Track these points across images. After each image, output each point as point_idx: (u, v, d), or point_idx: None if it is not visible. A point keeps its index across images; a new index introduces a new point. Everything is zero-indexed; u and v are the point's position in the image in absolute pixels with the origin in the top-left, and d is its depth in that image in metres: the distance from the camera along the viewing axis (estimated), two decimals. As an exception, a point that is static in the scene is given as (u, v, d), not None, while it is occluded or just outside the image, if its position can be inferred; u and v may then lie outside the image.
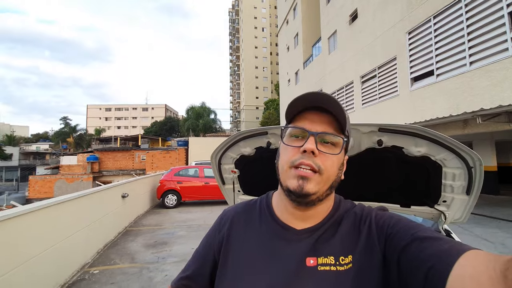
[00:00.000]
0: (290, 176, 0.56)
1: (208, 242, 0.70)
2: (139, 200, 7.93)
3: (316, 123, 0.57)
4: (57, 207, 3.57)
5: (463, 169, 1.24)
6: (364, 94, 11.14)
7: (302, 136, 0.57)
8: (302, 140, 0.57)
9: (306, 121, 0.58)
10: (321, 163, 0.55)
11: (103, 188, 5.45)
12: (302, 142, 0.56)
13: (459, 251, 0.42)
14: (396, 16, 8.99)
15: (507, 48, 5.52)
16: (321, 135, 0.56)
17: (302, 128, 0.57)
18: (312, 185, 0.54)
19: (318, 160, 0.55)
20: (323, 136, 0.57)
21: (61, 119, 46.94)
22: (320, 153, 0.55)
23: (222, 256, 0.64)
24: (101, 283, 3.59)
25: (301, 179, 0.54)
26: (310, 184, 0.54)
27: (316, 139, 0.56)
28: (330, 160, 0.56)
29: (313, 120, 0.58)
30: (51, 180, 19.35)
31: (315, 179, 0.55)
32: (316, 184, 0.55)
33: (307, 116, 0.58)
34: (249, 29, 59.94)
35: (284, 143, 0.60)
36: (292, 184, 0.55)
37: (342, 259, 0.56)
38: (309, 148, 0.54)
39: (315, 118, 0.58)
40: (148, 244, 5.23)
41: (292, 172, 0.56)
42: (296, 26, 20.33)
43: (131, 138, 34.02)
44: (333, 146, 0.57)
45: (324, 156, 0.56)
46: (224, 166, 1.72)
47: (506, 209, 7.34)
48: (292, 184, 0.55)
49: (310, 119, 0.58)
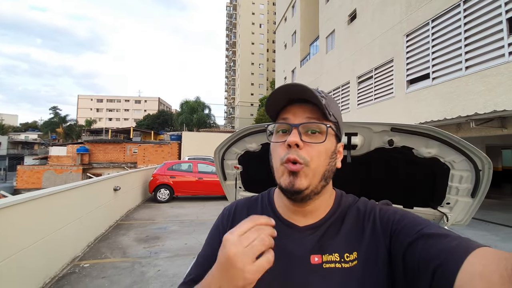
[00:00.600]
0: (281, 173, 0.55)
1: (211, 242, 0.67)
2: (131, 194, 7.81)
3: (298, 115, 0.56)
4: (47, 198, 3.48)
5: (471, 171, 1.23)
6: (360, 95, 11.20)
7: (288, 130, 0.56)
8: (287, 135, 0.56)
9: (289, 114, 0.57)
10: (306, 155, 0.53)
11: (95, 180, 5.33)
12: (287, 136, 0.55)
13: (468, 249, 0.40)
14: (394, 18, 9.03)
15: (503, 54, 5.61)
16: (304, 125, 0.55)
17: (284, 122, 0.57)
18: (302, 180, 0.53)
19: (303, 152, 0.53)
20: (308, 126, 0.55)
21: (51, 108, 45.74)
22: (305, 144, 0.54)
23: None
24: (92, 277, 3.52)
25: (291, 175, 0.53)
26: (300, 179, 0.53)
27: (299, 130, 0.54)
28: (316, 150, 0.54)
29: (295, 112, 0.57)
30: (39, 171, 18.88)
31: (304, 172, 0.53)
32: (305, 177, 0.53)
33: (290, 109, 0.57)
34: (246, 24, 59.53)
35: (271, 141, 0.59)
36: (284, 182, 0.54)
37: (347, 256, 0.55)
38: (292, 142, 0.53)
39: (297, 110, 0.57)
40: (140, 238, 5.15)
41: (283, 168, 0.55)
42: (294, 23, 20.26)
43: (123, 131, 33.48)
44: (320, 135, 0.56)
45: (309, 147, 0.54)
46: (227, 161, 1.69)
47: (495, 212, 7.53)
48: (284, 182, 0.54)
49: (292, 111, 0.57)
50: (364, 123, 1.22)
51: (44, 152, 31.57)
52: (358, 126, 1.24)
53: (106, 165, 20.23)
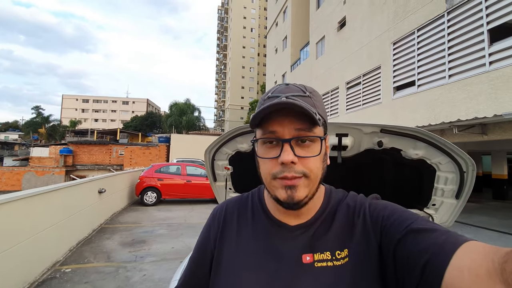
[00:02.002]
0: (277, 186, 0.53)
1: (202, 244, 0.66)
2: (116, 197, 7.60)
3: (286, 126, 0.52)
4: (27, 200, 3.33)
5: (456, 173, 1.26)
6: (349, 100, 11.43)
7: (277, 141, 0.53)
8: (276, 147, 0.53)
9: (276, 125, 0.52)
10: (303, 168, 0.52)
11: (78, 182, 5.16)
12: (277, 149, 0.52)
13: (456, 243, 0.41)
14: (382, 26, 9.30)
15: (484, 64, 5.86)
16: (295, 139, 0.52)
17: (273, 137, 0.53)
18: (301, 191, 0.52)
19: (300, 166, 0.51)
20: (297, 139, 0.53)
21: (33, 108, 44.15)
22: (299, 159, 0.51)
23: (216, 255, 0.61)
24: (74, 282, 3.38)
25: (289, 189, 0.52)
26: (299, 191, 0.52)
27: (291, 144, 0.51)
28: (312, 161, 0.53)
29: (282, 123, 0.52)
30: (19, 172, 18.10)
31: (303, 183, 0.52)
32: (304, 187, 0.52)
33: (275, 119, 0.52)
34: (237, 28, 59.78)
35: (259, 156, 0.55)
36: (281, 195, 0.52)
37: (338, 254, 0.54)
38: (286, 161, 0.50)
39: (284, 120, 0.52)
40: (125, 242, 5.01)
41: (278, 183, 0.52)
42: (285, 29, 20.52)
43: (109, 132, 32.65)
44: (312, 143, 0.53)
45: (305, 160, 0.52)
46: (218, 162, 1.66)
47: (475, 215, 7.79)
48: (281, 195, 0.52)
49: (279, 122, 0.52)
50: (355, 124, 1.23)
51: (25, 153, 30.31)
52: (348, 127, 1.25)
53: (91, 167, 19.65)
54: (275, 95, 0.55)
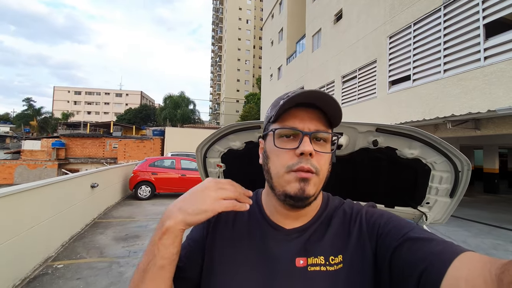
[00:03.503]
0: (290, 180, 0.53)
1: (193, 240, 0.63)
2: (110, 191, 7.52)
3: (306, 121, 0.54)
4: (18, 195, 3.27)
5: (451, 172, 1.26)
6: (344, 94, 11.40)
7: (294, 136, 0.54)
8: (294, 140, 0.54)
9: (296, 119, 0.54)
10: (317, 164, 0.53)
11: (70, 176, 5.08)
12: (294, 142, 0.54)
13: (453, 253, 0.41)
14: (379, 20, 9.22)
15: (479, 59, 5.86)
16: (314, 133, 0.54)
17: (294, 128, 0.54)
18: (311, 187, 0.53)
19: (315, 161, 0.53)
20: (316, 134, 0.54)
21: (25, 100, 43.28)
22: (316, 153, 0.53)
23: (207, 254, 0.60)
24: (66, 278, 3.35)
25: (302, 182, 0.52)
26: (310, 186, 0.53)
27: (310, 138, 0.53)
28: (324, 158, 0.55)
29: (302, 117, 0.54)
30: (11, 166, 17.80)
31: (313, 180, 0.53)
32: (314, 185, 0.53)
33: (294, 113, 0.54)
34: (233, 20, 58.86)
35: (276, 146, 0.55)
36: (293, 188, 0.53)
37: (332, 259, 0.54)
38: (307, 151, 0.51)
39: (304, 114, 0.54)
40: (118, 237, 4.98)
41: (291, 176, 0.53)
42: (281, 21, 20.25)
43: (103, 125, 32.26)
44: (325, 143, 0.56)
45: (319, 156, 0.54)
46: (210, 159, 1.63)
47: (466, 209, 7.94)
48: (293, 189, 0.53)
49: (299, 116, 0.54)
50: (350, 123, 1.20)
51: (16, 146, 29.82)
52: (343, 126, 1.22)
53: (84, 160, 19.42)
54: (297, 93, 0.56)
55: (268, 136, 0.57)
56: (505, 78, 5.35)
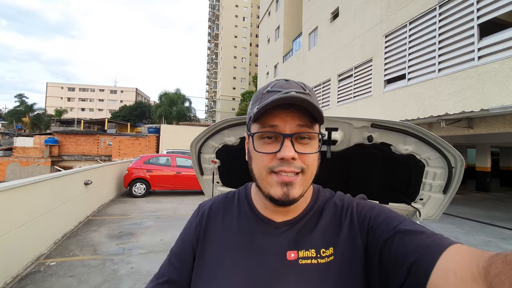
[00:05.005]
0: (272, 183, 0.52)
1: (184, 239, 0.65)
2: (104, 188, 7.45)
3: (287, 121, 0.51)
4: (10, 192, 3.21)
5: (445, 169, 1.26)
6: (340, 92, 11.44)
7: (275, 137, 0.52)
8: (276, 142, 0.52)
9: (276, 118, 0.51)
10: (302, 163, 0.51)
11: (63, 173, 5.01)
12: (276, 144, 0.52)
13: (442, 246, 0.41)
14: (375, 18, 9.25)
15: (473, 58, 5.92)
16: (296, 134, 0.51)
17: (275, 131, 0.51)
18: (297, 190, 0.51)
19: (299, 161, 0.51)
20: (298, 135, 0.52)
21: (17, 96, 42.66)
22: (299, 155, 0.51)
23: (198, 253, 0.61)
24: (59, 276, 3.31)
25: (285, 186, 0.51)
26: (295, 189, 0.51)
27: (292, 140, 0.51)
28: (311, 158, 0.53)
29: (284, 118, 0.51)
30: (3, 163, 17.51)
31: (299, 181, 0.51)
32: (300, 186, 0.52)
33: (276, 114, 0.51)
34: (229, 17, 58.53)
35: (256, 150, 0.53)
36: (276, 193, 0.51)
37: (323, 252, 0.54)
38: (288, 157, 0.49)
39: (285, 115, 0.51)
40: (112, 234, 4.93)
41: (273, 179, 0.51)
42: (278, 19, 20.20)
43: (97, 122, 31.89)
44: (310, 140, 0.53)
45: (304, 156, 0.52)
46: (204, 155, 1.61)
47: (458, 206, 8.05)
48: (276, 193, 0.51)
49: (280, 117, 0.51)
50: (345, 118, 1.20)
51: (8, 142, 29.34)
52: (339, 121, 1.22)
53: (78, 157, 19.20)
54: (275, 89, 0.54)
55: (249, 138, 0.55)
56: (498, 77, 5.42)
